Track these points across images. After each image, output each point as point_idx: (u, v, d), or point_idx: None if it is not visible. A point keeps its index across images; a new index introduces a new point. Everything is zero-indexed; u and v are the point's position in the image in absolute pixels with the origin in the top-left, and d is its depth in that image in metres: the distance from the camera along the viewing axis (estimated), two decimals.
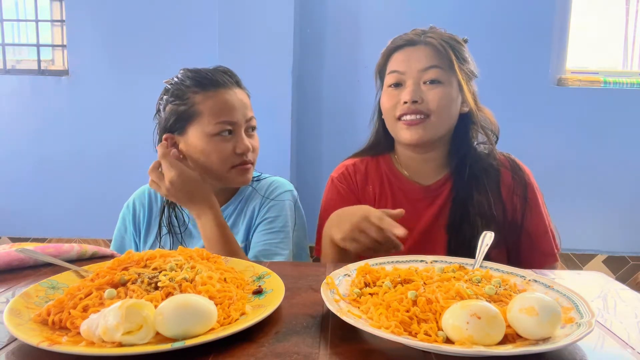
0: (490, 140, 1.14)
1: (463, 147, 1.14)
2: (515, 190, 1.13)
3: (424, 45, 1.09)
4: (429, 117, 1.07)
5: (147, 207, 1.22)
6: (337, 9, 2.35)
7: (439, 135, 1.11)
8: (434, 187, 1.15)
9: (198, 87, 1.09)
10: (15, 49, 2.63)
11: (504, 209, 1.11)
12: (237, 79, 1.16)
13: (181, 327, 0.55)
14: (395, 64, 1.11)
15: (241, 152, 1.09)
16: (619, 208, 2.38)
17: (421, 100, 1.06)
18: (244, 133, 1.11)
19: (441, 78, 1.07)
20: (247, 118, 1.12)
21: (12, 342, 0.58)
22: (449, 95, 1.07)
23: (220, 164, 1.09)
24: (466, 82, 1.09)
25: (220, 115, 1.07)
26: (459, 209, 1.10)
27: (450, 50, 1.08)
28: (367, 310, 0.63)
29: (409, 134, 1.08)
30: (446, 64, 1.07)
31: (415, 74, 1.07)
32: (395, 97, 1.09)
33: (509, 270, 0.79)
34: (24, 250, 0.84)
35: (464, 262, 0.81)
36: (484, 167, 1.12)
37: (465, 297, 0.62)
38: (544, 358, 0.56)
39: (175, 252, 0.78)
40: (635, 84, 2.34)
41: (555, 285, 0.71)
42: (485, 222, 1.07)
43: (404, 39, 1.12)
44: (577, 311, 0.63)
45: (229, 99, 1.09)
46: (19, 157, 2.51)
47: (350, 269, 0.76)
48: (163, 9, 2.40)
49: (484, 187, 1.10)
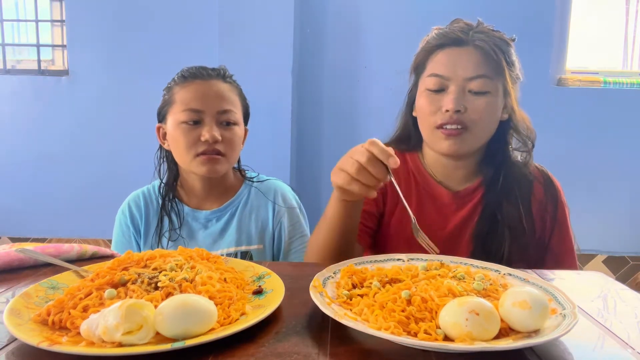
0: (527, 147, 1.07)
1: (499, 154, 1.07)
2: (547, 208, 1.07)
3: (473, 47, 0.99)
4: (468, 128, 0.99)
5: (143, 209, 1.22)
6: (337, 9, 2.35)
7: (478, 146, 1.04)
8: (464, 193, 1.08)
9: (180, 79, 1.15)
10: (15, 49, 2.63)
11: (533, 224, 1.05)
12: (223, 73, 1.17)
13: (181, 327, 0.55)
14: (438, 67, 1.01)
15: (205, 140, 1.09)
16: (618, 208, 2.38)
17: (464, 109, 0.97)
18: (214, 124, 1.11)
19: (488, 88, 0.98)
20: (221, 109, 1.12)
21: (12, 342, 0.58)
22: (494, 105, 0.99)
23: (186, 152, 1.11)
24: (513, 87, 1.02)
25: (189, 103, 1.11)
26: (488, 218, 1.04)
27: (498, 57, 0.98)
28: (360, 312, 0.63)
29: (446, 144, 1.00)
30: (494, 70, 0.99)
31: (460, 81, 0.98)
32: (436, 103, 1.00)
33: (481, 265, 0.80)
34: (24, 250, 0.84)
35: (441, 259, 0.82)
36: (518, 178, 1.06)
37: (457, 294, 0.63)
38: (539, 350, 0.57)
39: (175, 252, 0.78)
40: (635, 84, 2.34)
41: (530, 279, 0.74)
42: (514, 234, 1.02)
43: (450, 37, 1.01)
44: (557, 302, 0.65)
45: (201, 89, 1.12)
46: (19, 157, 2.51)
47: (333, 270, 0.77)
48: (163, 9, 2.40)
49: (515, 198, 1.03)
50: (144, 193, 1.24)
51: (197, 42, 2.38)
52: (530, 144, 1.07)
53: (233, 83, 1.19)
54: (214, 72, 1.16)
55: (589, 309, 0.71)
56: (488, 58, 0.98)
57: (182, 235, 1.18)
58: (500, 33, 1.05)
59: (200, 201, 1.21)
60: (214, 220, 1.19)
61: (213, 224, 1.19)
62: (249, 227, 1.20)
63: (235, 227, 1.19)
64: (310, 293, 0.66)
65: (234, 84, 1.19)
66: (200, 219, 1.20)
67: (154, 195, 1.23)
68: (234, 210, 1.21)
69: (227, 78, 1.18)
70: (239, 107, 1.17)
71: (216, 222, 1.19)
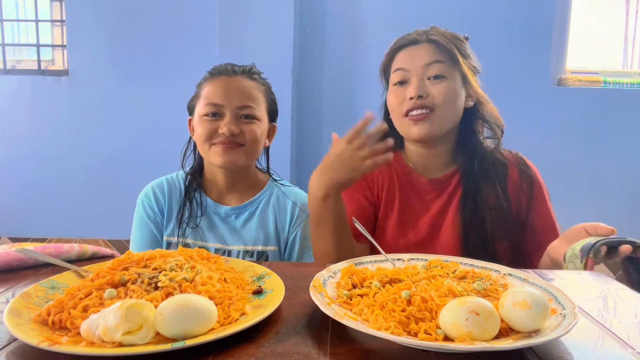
0: (495, 133, 1.17)
1: (470, 141, 1.17)
2: (522, 186, 1.15)
3: (427, 42, 1.12)
4: (434, 110, 1.09)
5: (167, 194, 1.23)
6: (337, 9, 2.35)
7: (446, 129, 1.13)
8: (442, 179, 1.18)
9: (208, 75, 1.21)
10: (15, 49, 2.63)
11: (509, 202, 1.13)
12: (250, 70, 1.21)
13: (181, 327, 0.55)
14: (399, 63, 1.14)
15: (222, 133, 1.13)
16: (618, 208, 2.38)
17: (426, 94, 1.09)
18: (233, 117, 1.14)
19: (445, 72, 1.10)
20: (240, 105, 1.15)
21: (12, 342, 0.58)
22: (453, 89, 1.10)
23: (203, 142, 1.16)
24: (471, 74, 1.13)
25: (211, 97, 1.15)
26: (468, 201, 1.13)
27: (453, 45, 1.11)
28: (360, 312, 0.63)
29: (416, 129, 1.11)
30: (449, 59, 1.11)
31: (419, 70, 1.10)
32: (401, 95, 1.12)
33: (483, 265, 0.81)
34: (24, 250, 0.84)
35: (442, 259, 0.82)
36: (491, 161, 1.16)
37: (457, 294, 0.63)
38: (539, 350, 0.57)
39: (175, 252, 0.78)
40: (635, 84, 2.34)
41: (530, 279, 0.74)
42: (494, 214, 1.10)
43: (407, 38, 1.15)
44: (557, 302, 0.65)
45: (223, 84, 1.16)
46: (19, 157, 2.51)
47: (333, 270, 0.77)
48: (163, 10, 2.40)
49: (492, 180, 1.13)
50: (167, 180, 1.25)
51: (197, 42, 2.38)
52: (499, 131, 1.17)
53: (260, 80, 1.22)
54: (240, 69, 1.20)
55: (589, 309, 0.71)
56: (441, 48, 1.11)
57: (202, 226, 1.20)
58: (454, 33, 1.16)
59: (223, 195, 1.23)
60: (234, 216, 1.21)
61: (232, 220, 1.21)
62: (267, 227, 1.21)
63: (255, 226, 1.21)
64: (310, 293, 0.66)
65: (260, 80, 1.22)
66: (221, 213, 1.21)
67: (177, 184, 1.24)
68: (255, 208, 1.22)
69: (253, 75, 1.21)
70: (262, 103, 1.20)
71: (235, 219, 1.21)
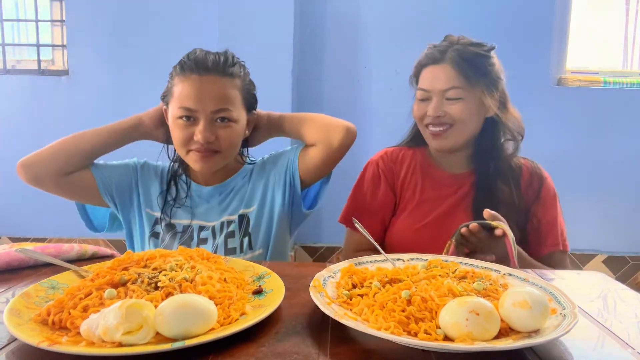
0: (515, 138, 1.26)
1: (491, 147, 1.26)
2: (532, 184, 1.25)
3: (449, 64, 1.20)
4: (453, 126, 1.21)
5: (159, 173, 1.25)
6: (337, 9, 2.35)
7: (463, 141, 1.24)
8: (460, 176, 1.28)
9: (180, 68, 1.14)
10: (15, 49, 2.63)
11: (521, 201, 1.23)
12: (223, 64, 1.14)
13: (181, 327, 0.55)
14: (422, 82, 1.25)
15: (197, 140, 1.10)
16: (619, 208, 2.38)
17: (444, 113, 1.20)
18: (206, 122, 1.10)
19: (462, 95, 1.19)
20: (214, 109, 1.10)
21: (12, 342, 0.58)
22: (469, 109, 1.20)
23: (179, 146, 1.14)
24: (487, 92, 1.21)
25: (183, 101, 1.10)
26: (482, 197, 1.21)
27: (470, 68, 1.19)
28: (360, 312, 0.63)
29: (435, 142, 1.24)
30: (467, 82, 1.19)
31: (438, 92, 1.21)
32: (423, 109, 1.23)
33: (483, 265, 0.81)
34: (24, 250, 0.84)
35: (442, 259, 0.82)
36: (508, 163, 1.25)
37: (457, 294, 0.63)
38: (539, 350, 0.57)
39: (175, 252, 0.78)
40: (635, 84, 2.34)
41: (530, 278, 0.74)
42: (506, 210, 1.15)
43: (431, 57, 1.23)
44: (557, 302, 0.65)
45: (195, 86, 1.10)
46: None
47: (333, 270, 0.77)
48: (163, 10, 2.39)
49: (507, 180, 1.23)
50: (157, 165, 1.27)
51: (197, 42, 2.36)
52: (519, 137, 1.27)
53: (234, 74, 1.15)
54: (213, 63, 1.13)
55: (589, 309, 0.71)
56: (459, 72, 1.19)
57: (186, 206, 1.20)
58: (477, 46, 1.23)
59: (204, 179, 1.23)
60: (217, 194, 1.21)
61: (215, 198, 1.21)
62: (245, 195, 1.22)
63: (236, 199, 1.21)
64: (310, 293, 0.66)
65: (235, 74, 1.15)
66: (204, 195, 1.22)
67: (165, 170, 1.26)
68: (235, 184, 1.23)
69: (227, 69, 1.14)
70: (237, 102, 1.14)
71: (219, 196, 1.21)
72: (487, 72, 1.21)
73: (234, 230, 1.17)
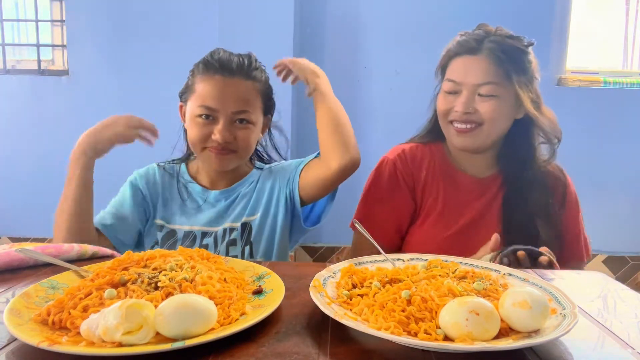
0: (551, 141, 1.16)
1: (520, 148, 1.16)
2: (556, 191, 1.17)
3: (485, 55, 1.08)
4: (481, 125, 1.09)
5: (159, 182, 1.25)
6: (337, 9, 2.35)
7: (490, 142, 1.13)
8: (485, 181, 1.18)
9: (203, 66, 1.15)
10: (15, 49, 2.63)
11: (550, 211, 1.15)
12: (247, 68, 1.15)
13: (181, 327, 0.55)
14: (452, 72, 1.12)
15: (215, 139, 1.11)
16: (619, 208, 2.38)
17: (474, 110, 1.08)
18: (228, 123, 1.11)
19: (497, 92, 1.07)
20: (235, 110, 1.12)
21: (12, 342, 0.58)
22: (502, 109, 1.08)
23: (195, 144, 1.15)
24: (525, 91, 1.09)
25: (204, 99, 1.12)
26: (511, 205, 1.13)
27: (510, 63, 1.07)
28: (360, 312, 0.63)
29: (459, 140, 1.12)
30: (503, 78, 1.07)
31: (470, 87, 1.08)
32: (450, 103, 1.11)
33: (482, 264, 0.81)
34: (24, 250, 0.84)
35: (442, 259, 0.82)
36: (538, 169, 1.16)
37: (457, 294, 0.63)
38: (539, 350, 0.57)
39: (175, 252, 0.78)
40: (635, 84, 2.34)
41: (530, 278, 0.74)
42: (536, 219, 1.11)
43: (465, 46, 1.11)
44: (557, 302, 0.65)
45: (218, 87, 1.11)
46: (19, 157, 2.51)
47: (333, 270, 0.77)
48: (163, 9, 2.40)
49: (538, 187, 1.13)
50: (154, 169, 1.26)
51: (197, 42, 2.38)
52: (555, 140, 1.16)
53: (256, 77, 1.17)
54: (238, 66, 1.14)
55: (589, 309, 0.71)
56: (497, 66, 1.07)
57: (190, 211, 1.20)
58: (516, 39, 1.11)
59: (213, 181, 1.23)
60: (223, 200, 1.21)
61: (221, 203, 1.21)
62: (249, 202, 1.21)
63: (241, 205, 1.20)
64: (310, 293, 0.66)
65: (257, 78, 1.17)
66: (210, 199, 1.21)
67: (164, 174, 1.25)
68: (242, 190, 1.22)
69: (251, 73, 1.15)
70: (257, 105, 1.17)
71: (225, 201, 1.21)
72: (525, 70, 1.09)
73: (236, 239, 1.17)
